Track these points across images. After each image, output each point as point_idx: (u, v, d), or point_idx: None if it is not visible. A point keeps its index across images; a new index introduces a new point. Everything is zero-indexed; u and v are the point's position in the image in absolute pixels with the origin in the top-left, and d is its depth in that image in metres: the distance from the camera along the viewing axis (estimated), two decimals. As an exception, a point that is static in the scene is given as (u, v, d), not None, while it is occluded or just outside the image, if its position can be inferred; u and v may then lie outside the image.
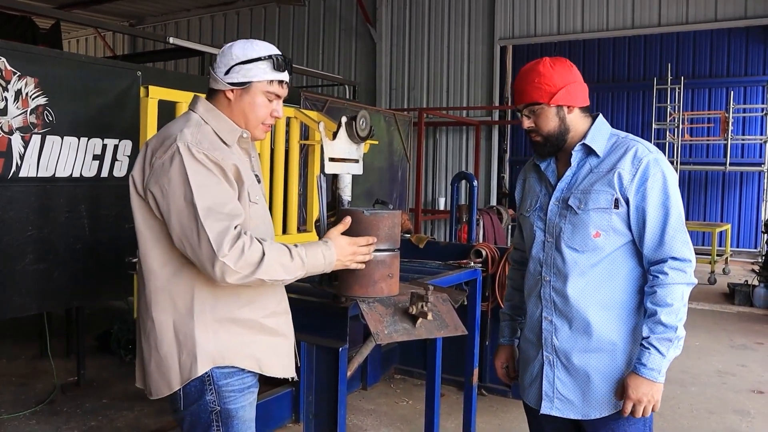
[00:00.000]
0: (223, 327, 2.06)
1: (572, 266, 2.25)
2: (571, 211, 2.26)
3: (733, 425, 4.83)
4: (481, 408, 4.82)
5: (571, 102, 2.28)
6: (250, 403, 2.16)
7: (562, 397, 2.29)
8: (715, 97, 14.38)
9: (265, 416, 4.35)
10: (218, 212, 1.90)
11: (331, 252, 2.06)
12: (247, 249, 1.88)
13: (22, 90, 3.44)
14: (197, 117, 2.08)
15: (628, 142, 2.26)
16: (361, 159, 2.75)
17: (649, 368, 2.14)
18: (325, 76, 9.80)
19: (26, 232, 3.58)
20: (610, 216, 2.20)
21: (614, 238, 2.21)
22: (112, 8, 14.11)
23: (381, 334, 2.32)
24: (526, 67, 2.33)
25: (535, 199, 2.41)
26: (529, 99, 2.28)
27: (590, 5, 10.07)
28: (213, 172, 1.94)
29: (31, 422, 4.58)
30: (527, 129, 2.32)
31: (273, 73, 2.10)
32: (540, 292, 2.34)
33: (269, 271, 1.92)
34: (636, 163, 2.19)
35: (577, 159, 2.30)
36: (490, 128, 11.20)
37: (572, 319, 2.27)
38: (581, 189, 2.25)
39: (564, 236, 2.27)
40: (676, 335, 2.12)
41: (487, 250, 5.01)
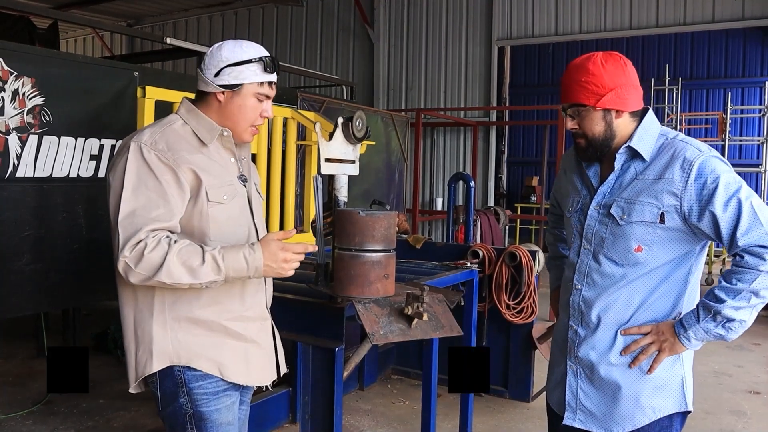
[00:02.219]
0: (182, 326, 2.06)
1: (609, 279, 2.15)
2: (613, 220, 2.13)
3: (729, 425, 4.84)
4: (479, 408, 4.83)
5: (621, 106, 2.11)
6: (227, 406, 2.14)
7: (585, 409, 2.22)
8: (712, 98, 14.44)
9: (261, 417, 4.36)
10: (139, 215, 1.92)
11: (255, 256, 1.94)
12: (148, 251, 1.88)
13: (19, 90, 3.43)
14: (175, 117, 2.12)
15: (675, 144, 2.10)
16: (357, 160, 2.76)
17: (680, 322, 2.09)
18: (322, 77, 9.79)
19: (23, 232, 3.57)
20: (655, 230, 2.07)
21: (658, 254, 2.09)
22: (110, 8, 14.09)
23: (376, 334, 2.33)
24: (575, 62, 2.16)
25: (577, 199, 2.29)
26: (574, 99, 2.13)
27: (588, 6, 10.08)
28: (154, 174, 1.95)
29: (28, 422, 4.58)
30: (570, 130, 2.18)
31: (263, 75, 2.11)
32: (569, 300, 2.25)
33: (171, 273, 1.88)
34: (687, 168, 2.03)
35: (620, 162, 2.15)
36: (487, 129, 11.21)
37: (599, 331, 2.18)
38: (625, 198, 2.12)
39: (604, 246, 2.15)
40: (721, 312, 2.00)
41: (484, 251, 5.02)
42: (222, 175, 2.10)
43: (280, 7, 13.24)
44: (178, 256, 1.88)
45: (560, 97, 2.20)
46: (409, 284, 2.89)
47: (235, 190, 2.14)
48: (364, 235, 2.36)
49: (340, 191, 2.66)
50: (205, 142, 2.09)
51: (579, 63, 2.14)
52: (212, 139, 2.10)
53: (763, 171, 12.80)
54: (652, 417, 2.14)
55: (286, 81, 12.01)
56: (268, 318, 2.28)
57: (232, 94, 2.10)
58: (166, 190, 1.96)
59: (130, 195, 1.94)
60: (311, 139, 4.62)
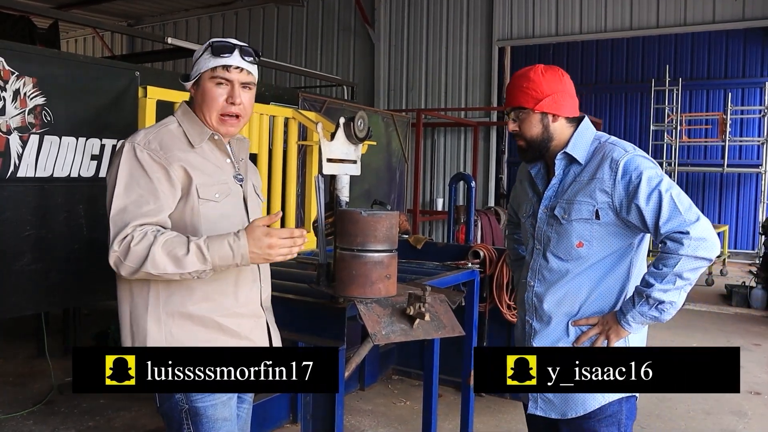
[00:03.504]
0: (176, 321, 2.08)
1: (556, 274, 2.32)
2: (557, 220, 2.31)
3: (729, 426, 4.84)
4: (479, 408, 4.83)
5: (557, 110, 2.31)
6: (223, 402, 2.14)
7: (544, 397, 2.34)
8: (713, 99, 14.43)
9: (263, 417, 4.36)
10: (129, 211, 1.97)
11: (240, 243, 1.93)
12: (134, 244, 1.92)
13: (21, 90, 3.43)
14: (172, 119, 2.19)
15: (605, 147, 2.30)
16: (359, 160, 2.75)
17: (620, 310, 2.26)
18: (323, 77, 9.79)
19: (24, 232, 3.57)
20: (592, 226, 2.25)
21: (597, 248, 2.27)
22: (110, 8, 14.09)
23: (378, 334, 2.33)
24: (518, 72, 2.38)
25: (529, 205, 2.47)
26: (516, 103, 2.33)
27: (588, 6, 10.08)
28: (146, 172, 2.01)
29: (28, 422, 4.58)
30: (512, 132, 2.37)
31: (214, 60, 2.11)
32: (524, 296, 2.42)
33: (156, 264, 1.90)
34: (614, 167, 2.22)
35: (560, 167, 2.35)
36: (488, 129, 11.21)
37: (552, 324, 2.34)
38: (566, 198, 2.30)
39: (551, 245, 2.33)
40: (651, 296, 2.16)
41: (484, 251, 5.01)
42: (215, 174, 2.14)
43: (280, 7, 13.24)
44: (163, 247, 1.91)
45: (505, 102, 2.42)
46: (411, 284, 2.90)
47: (228, 189, 2.17)
48: (366, 235, 2.36)
49: (342, 191, 2.65)
50: (194, 144, 2.13)
51: (522, 73, 2.36)
52: (201, 141, 2.14)
53: (763, 171, 12.82)
54: (602, 402, 2.28)
55: (287, 81, 12.01)
56: (263, 316, 2.28)
57: (196, 88, 2.17)
58: (157, 186, 2.00)
59: (122, 192, 2.00)
60: (312, 139, 4.62)
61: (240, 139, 2.34)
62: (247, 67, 2.16)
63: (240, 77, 2.14)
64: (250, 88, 2.20)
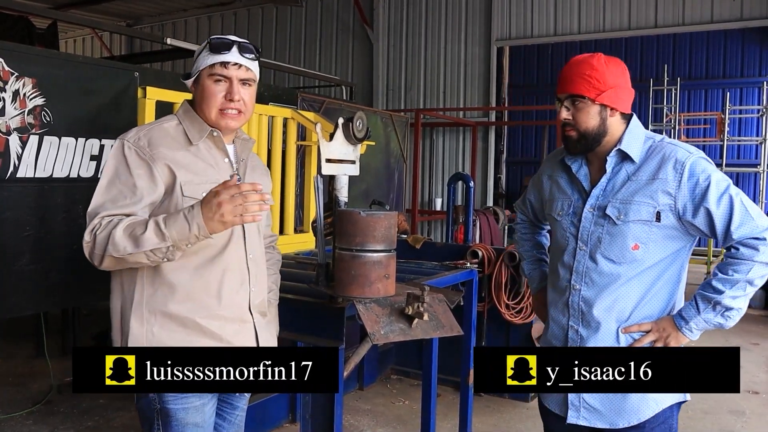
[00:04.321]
0: (157, 320, 2.06)
1: (607, 277, 2.20)
2: (609, 221, 2.19)
3: (728, 425, 4.85)
4: (478, 408, 4.83)
5: (616, 105, 2.19)
6: (195, 407, 2.10)
7: (589, 406, 2.24)
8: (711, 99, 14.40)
9: (261, 416, 4.37)
10: (105, 207, 1.99)
11: (194, 212, 1.88)
12: (99, 231, 1.93)
13: (20, 90, 3.43)
14: (172, 117, 2.20)
15: (664, 147, 2.19)
16: (357, 160, 2.76)
17: (680, 315, 2.18)
18: (321, 77, 9.79)
19: (23, 232, 3.57)
20: (651, 228, 2.15)
21: (653, 251, 2.17)
22: (109, 8, 14.10)
23: (377, 334, 2.33)
24: (578, 58, 2.23)
25: (567, 202, 2.34)
26: (575, 90, 2.18)
27: (587, 6, 10.09)
28: (129, 168, 2.01)
29: (28, 422, 4.58)
30: (563, 121, 2.22)
31: (212, 57, 2.10)
32: (568, 301, 2.29)
33: (117, 245, 1.89)
34: (679, 169, 2.12)
35: (611, 165, 2.23)
36: (486, 129, 11.22)
37: (600, 330, 2.23)
38: (620, 198, 2.19)
39: (601, 246, 2.21)
40: (720, 302, 2.10)
41: (483, 251, 5.03)
42: (206, 173, 2.11)
43: (279, 7, 13.25)
44: (124, 230, 1.91)
45: (558, 87, 2.25)
46: (410, 284, 2.90)
47: None
48: (365, 235, 2.36)
49: (341, 191, 2.66)
50: (193, 141, 2.12)
51: (582, 59, 2.21)
52: (200, 138, 2.13)
53: (762, 171, 12.82)
54: (656, 409, 2.20)
55: (285, 81, 12.01)
56: (250, 321, 2.21)
57: (196, 86, 2.16)
58: (136, 182, 2.01)
59: (104, 188, 2.03)
60: (311, 140, 4.63)
61: (245, 139, 2.30)
62: (246, 63, 2.13)
63: (239, 74, 2.12)
64: (250, 85, 2.17)
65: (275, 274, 2.53)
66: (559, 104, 2.24)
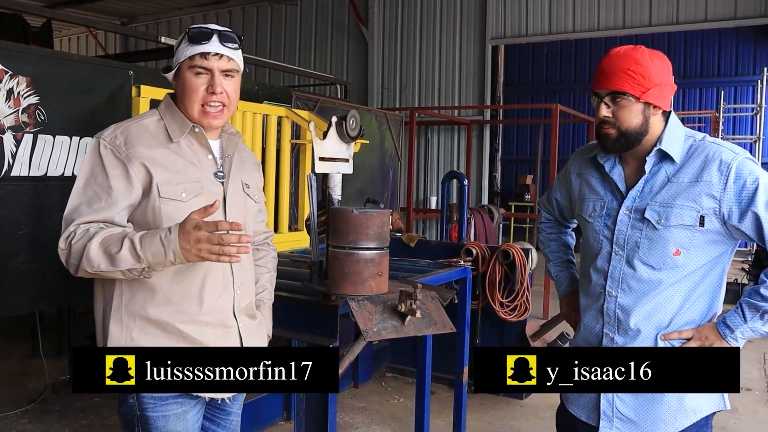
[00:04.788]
0: (136, 324, 1.99)
1: (646, 284, 2.10)
2: (649, 225, 2.08)
3: (721, 422, 4.87)
4: (473, 405, 4.85)
5: (660, 103, 2.06)
6: (176, 414, 2.04)
7: (622, 416, 2.16)
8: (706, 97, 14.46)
9: (256, 414, 4.38)
10: (81, 210, 1.91)
11: (170, 238, 1.78)
12: (74, 241, 1.86)
13: (14, 89, 3.44)
14: (153, 112, 2.10)
15: (707, 146, 2.06)
16: (351, 158, 2.77)
17: (724, 324, 2.08)
18: (316, 76, 9.80)
19: (18, 231, 3.58)
20: (693, 233, 2.04)
21: (696, 257, 2.06)
22: (104, 6, 14.09)
23: (370, 331, 2.35)
24: (619, 50, 2.07)
25: (600, 203, 2.22)
26: (618, 86, 2.03)
27: (581, 5, 10.12)
28: (105, 168, 1.93)
29: (23, 421, 4.59)
30: (603, 119, 2.08)
31: (191, 48, 1.99)
32: (603, 307, 2.19)
33: (91, 260, 1.82)
34: (725, 170, 2.00)
35: (650, 165, 2.10)
36: (481, 127, 11.24)
37: (639, 338, 2.14)
38: (660, 201, 2.07)
39: (639, 251, 2.10)
40: None
41: (477, 249, 5.04)
42: (186, 172, 2.01)
43: (274, 6, 13.25)
44: (100, 243, 1.83)
45: (596, 82, 2.09)
46: (403, 282, 2.92)
47: (201, 187, 2.02)
48: (358, 233, 2.38)
49: (334, 190, 2.68)
50: (173, 138, 2.02)
51: (624, 52, 2.06)
52: (182, 135, 2.03)
53: (756, 169, 12.88)
54: (694, 419, 2.12)
55: (281, 80, 12.01)
56: (234, 326, 2.11)
57: (176, 79, 2.06)
58: (111, 183, 1.92)
59: (80, 190, 1.94)
60: (305, 138, 4.64)
61: (232, 134, 2.19)
62: (228, 53, 2.01)
63: (220, 65, 2.01)
64: (232, 76, 2.05)
65: (270, 272, 2.43)
66: (596, 99, 2.10)
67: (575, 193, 2.36)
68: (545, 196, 2.64)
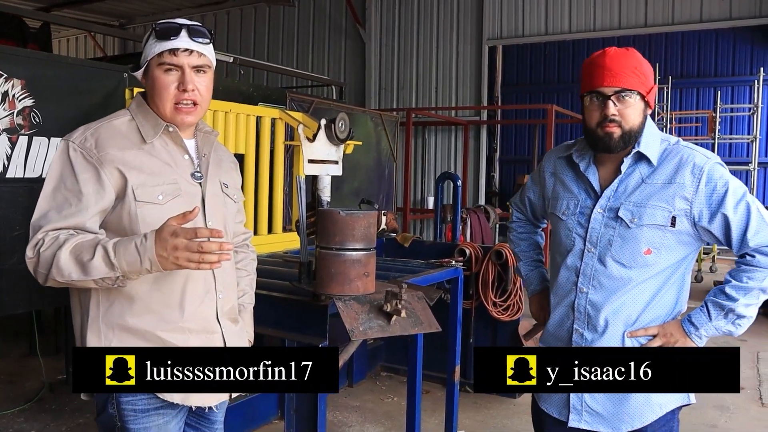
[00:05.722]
0: (116, 335, 1.92)
1: (617, 281, 2.16)
2: (622, 223, 2.13)
3: (712, 420, 4.92)
4: (466, 404, 4.89)
5: (653, 104, 2.15)
6: (158, 425, 1.98)
7: (591, 410, 2.21)
8: (702, 97, 14.53)
9: (251, 413, 4.43)
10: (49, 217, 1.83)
11: (146, 246, 1.70)
12: (43, 249, 1.78)
13: (9, 92, 3.48)
14: (124, 112, 2.03)
15: (681, 150, 2.14)
16: (340, 160, 2.81)
17: (689, 321, 2.15)
18: (310, 77, 9.82)
19: (14, 231, 3.62)
20: (665, 233, 2.10)
21: (665, 256, 2.13)
22: (102, 7, 14.10)
23: (356, 330, 2.39)
24: (619, 50, 2.12)
25: (574, 202, 2.27)
26: (628, 84, 2.07)
27: (577, 6, 10.15)
28: (74, 172, 1.85)
29: (19, 420, 4.63)
30: (611, 117, 2.09)
31: (159, 44, 1.91)
32: (574, 303, 2.24)
33: (61, 269, 1.74)
34: (697, 174, 2.07)
35: (627, 166, 2.16)
36: (478, 128, 11.27)
37: (606, 333, 2.19)
38: (634, 201, 2.13)
39: (612, 249, 2.15)
40: (734, 310, 2.08)
41: (470, 249, 5.08)
42: (162, 173, 1.94)
43: (271, 6, 13.28)
44: (71, 251, 1.75)
45: (600, 80, 2.10)
46: (390, 282, 2.95)
47: (177, 189, 1.96)
48: (345, 234, 2.42)
49: (324, 191, 2.71)
50: (146, 139, 1.95)
51: (625, 52, 2.11)
52: (155, 136, 1.96)
53: (752, 169, 12.90)
54: (659, 413, 2.18)
55: (278, 81, 12.05)
56: (217, 331, 2.06)
57: (146, 78, 1.98)
58: (82, 188, 1.84)
59: (49, 195, 1.86)
60: (299, 140, 4.67)
61: (207, 132, 2.13)
62: (198, 48, 1.94)
63: (190, 60, 1.93)
64: (204, 72, 1.98)
65: (249, 275, 2.38)
66: (598, 98, 2.12)
67: (549, 192, 2.40)
68: (517, 196, 2.69)
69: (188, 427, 2.15)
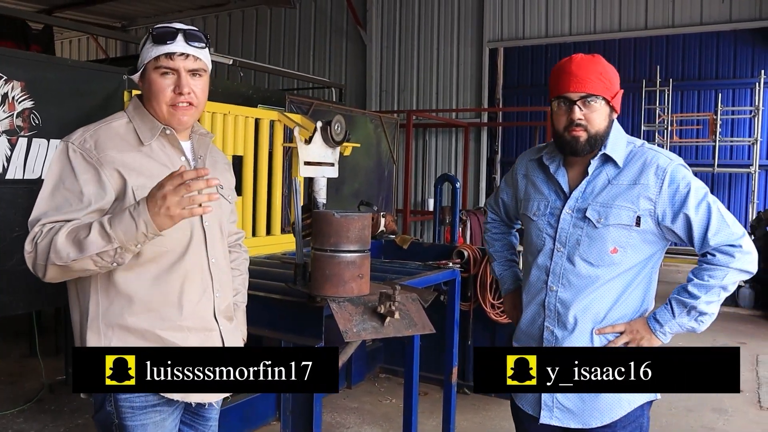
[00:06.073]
0: (115, 334, 1.94)
1: (585, 280, 2.22)
2: (589, 223, 2.20)
3: (710, 423, 4.92)
4: (464, 406, 4.90)
5: (618, 108, 2.22)
6: (155, 422, 2.00)
7: (562, 406, 2.26)
8: (703, 99, 14.50)
9: (250, 414, 4.44)
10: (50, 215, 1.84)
11: (140, 209, 1.72)
12: (40, 239, 1.79)
13: (9, 94, 3.50)
14: (121, 114, 2.05)
15: (645, 152, 2.21)
16: (336, 162, 2.83)
17: (654, 319, 2.22)
18: (310, 79, 9.83)
19: (13, 232, 3.64)
20: (630, 233, 2.17)
21: (631, 255, 2.19)
22: (103, 9, 14.14)
23: (350, 332, 2.40)
24: (585, 57, 2.19)
25: (544, 203, 2.33)
26: (593, 89, 2.14)
27: (577, 8, 10.16)
28: (74, 173, 1.87)
29: (19, 420, 4.64)
30: (577, 121, 2.15)
31: (156, 48, 1.95)
32: (544, 301, 2.30)
33: (59, 252, 1.75)
34: (661, 175, 2.14)
35: (593, 167, 2.23)
36: (479, 130, 11.28)
37: (576, 330, 2.25)
38: (600, 202, 2.20)
39: (580, 248, 2.22)
40: (696, 307, 2.15)
41: (469, 251, 5.09)
42: (160, 175, 1.86)
43: (273, 9, 13.31)
44: (67, 234, 1.77)
45: (566, 86, 2.16)
46: (385, 284, 2.97)
47: None
48: (339, 236, 2.44)
49: (319, 193, 2.73)
50: (144, 141, 1.98)
51: (589, 58, 2.18)
52: (152, 138, 1.99)
53: (754, 171, 12.90)
54: (628, 409, 2.24)
55: (279, 83, 12.08)
56: (215, 329, 2.10)
57: (143, 81, 2.01)
58: (82, 188, 1.86)
59: (48, 196, 1.88)
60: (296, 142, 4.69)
61: (203, 134, 2.17)
62: (194, 52, 1.97)
63: (186, 64, 1.97)
64: (200, 76, 2.01)
65: (242, 275, 2.42)
66: (565, 103, 2.18)
67: (521, 193, 2.47)
68: (492, 197, 2.77)
69: (183, 425, 2.18)
